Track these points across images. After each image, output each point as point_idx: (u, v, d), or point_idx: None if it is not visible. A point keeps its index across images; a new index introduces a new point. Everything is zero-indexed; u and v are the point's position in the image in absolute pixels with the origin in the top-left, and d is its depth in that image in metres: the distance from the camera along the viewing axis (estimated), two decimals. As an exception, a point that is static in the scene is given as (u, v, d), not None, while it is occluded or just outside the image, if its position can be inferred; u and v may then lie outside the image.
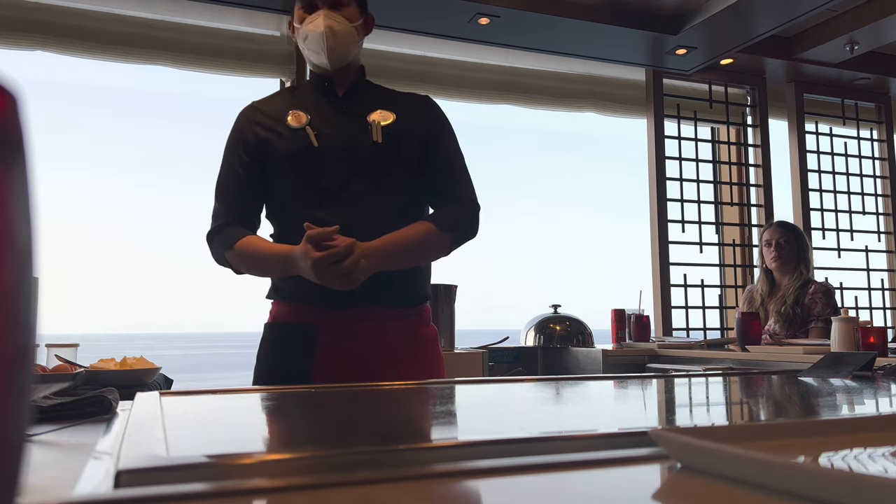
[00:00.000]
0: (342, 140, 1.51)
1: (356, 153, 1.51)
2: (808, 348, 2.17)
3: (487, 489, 0.47)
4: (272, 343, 1.54)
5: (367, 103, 1.57)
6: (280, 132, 1.52)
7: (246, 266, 1.51)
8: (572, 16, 3.29)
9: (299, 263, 1.38)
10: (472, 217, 1.58)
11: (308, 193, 1.50)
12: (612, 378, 1.42)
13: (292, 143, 1.50)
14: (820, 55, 3.87)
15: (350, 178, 1.49)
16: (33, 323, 0.29)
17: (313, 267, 1.34)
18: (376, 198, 1.50)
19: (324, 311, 1.48)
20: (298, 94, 1.62)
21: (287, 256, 1.42)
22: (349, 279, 1.36)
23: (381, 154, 1.51)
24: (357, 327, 1.48)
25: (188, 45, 3.17)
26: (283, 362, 1.51)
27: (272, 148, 1.52)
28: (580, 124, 16.48)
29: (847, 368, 1.31)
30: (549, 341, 3.21)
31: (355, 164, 1.50)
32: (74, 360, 1.43)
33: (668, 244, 3.96)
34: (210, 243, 1.55)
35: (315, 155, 1.49)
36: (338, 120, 1.54)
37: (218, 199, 1.56)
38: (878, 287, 4.42)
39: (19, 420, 0.28)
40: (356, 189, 1.49)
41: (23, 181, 0.28)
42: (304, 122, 1.51)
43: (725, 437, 0.55)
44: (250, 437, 0.75)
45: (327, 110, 1.55)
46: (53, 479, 0.55)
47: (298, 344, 1.49)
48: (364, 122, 1.53)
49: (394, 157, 1.52)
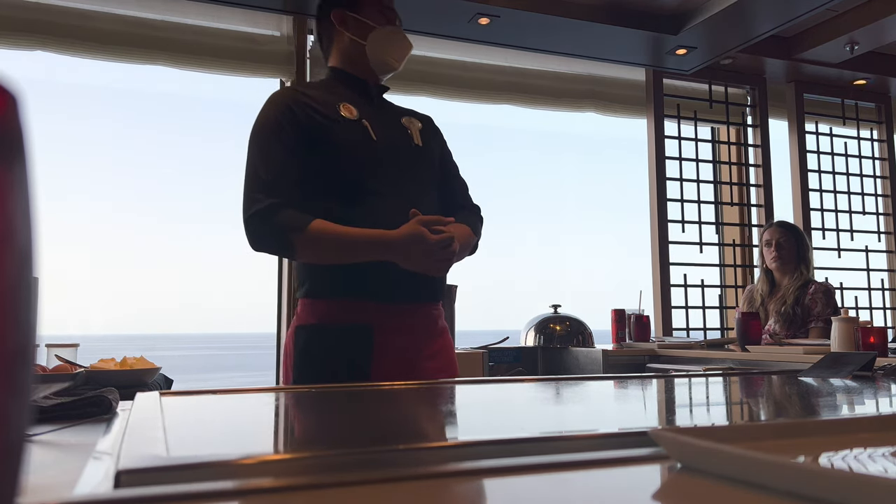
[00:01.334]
0: (391, 138, 1.58)
1: (402, 151, 1.59)
2: (808, 348, 2.17)
3: (487, 489, 0.47)
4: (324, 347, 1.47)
5: (393, 109, 1.68)
6: (336, 119, 1.52)
7: (322, 248, 1.44)
8: (572, 16, 3.29)
9: (405, 246, 1.39)
10: (482, 222, 1.73)
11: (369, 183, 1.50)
12: (612, 378, 1.42)
13: (350, 132, 1.52)
14: (820, 55, 3.87)
15: (397, 174, 1.55)
16: (33, 323, 0.29)
17: (428, 250, 1.39)
18: (422, 194, 1.57)
19: (379, 306, 1.48)
20: (334, 88, 1.61)
21: (382, 239, 1.41)
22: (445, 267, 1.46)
23: (419, 155, 1.61)
24: (408, 322, 1.52)
25: (188, 45, 3.17)
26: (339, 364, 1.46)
27: (328, 134, 1.50)
28: (580, 124, 16.51)
29: (847, 368, 1.31)
30: (549, 341, 3.21)
31: (402, 161, 1.57)
32: (74, 360, 1.44)
33: (668, 244, 3.96)
34: (258, 225, 1.44)
35: (371, 148, 1.53)
36: (382, 119, 1.60)
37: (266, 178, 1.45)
38: (878, 287, 4.42)
39: (19, 420, 0.28)
40: (407, 184, 1.55)
41: (23, 181, 0.28)
42: (356, 115, 1.55)
43: (725, 437, 0.55)
44: (250, 437, 0.75)
45: (369, 108, 1.60)
46: (53, 479, 0.55)
47: (354, 344, 1.46)
48: (400, 124, 1.63)
49: (427, 160, 1.63)
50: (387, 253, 1.41)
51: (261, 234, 1.45)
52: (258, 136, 1.52)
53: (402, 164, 1.56)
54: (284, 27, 3.31)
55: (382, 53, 1.62)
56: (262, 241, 1.46)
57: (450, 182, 1.71)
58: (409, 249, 1.40)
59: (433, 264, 1.42)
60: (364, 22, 1.61)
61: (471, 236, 1.61)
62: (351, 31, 1.62)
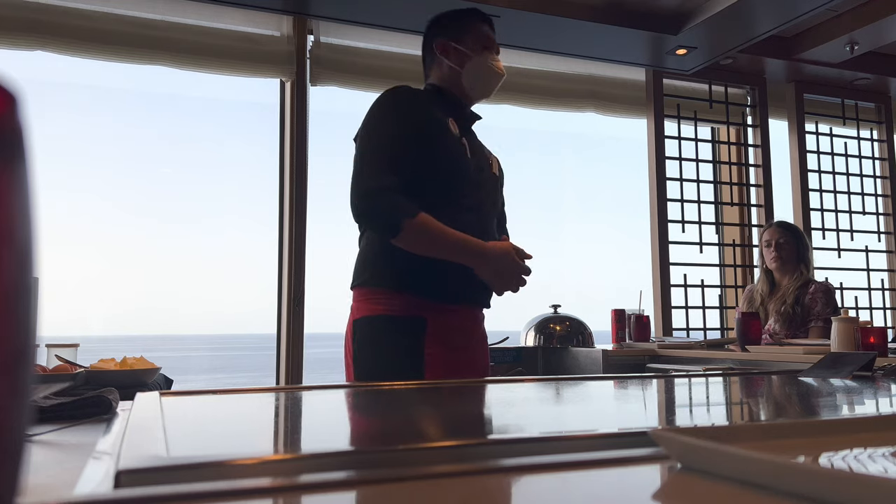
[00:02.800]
0: (480, 162, 1.75)
1: (486, 176, 1.75)
2: (808, 348, 2.17)
3: (488, 489, 0.47)
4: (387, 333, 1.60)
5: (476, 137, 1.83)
6: (448, 130, 1.67)
7: (425, 238, 1.55)
8: (572, 16, 3.29)
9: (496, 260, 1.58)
10: None
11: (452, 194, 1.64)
12: (612, 378, 1.42)
13: (452, 145, 1.66)
14: (820, 55, 3.87)
15: (480, 194, 1.71)
16: (33, 323, 0.29)
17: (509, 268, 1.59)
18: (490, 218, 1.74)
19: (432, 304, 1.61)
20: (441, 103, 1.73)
21: (478, 248, 1.58)
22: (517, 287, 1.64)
23: (496, 185, 1.81)
24: (454, 321, 1.65)
25: (188, 45, 3.17)
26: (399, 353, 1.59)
27: (440, 140, 1.64)
28: (580, 124, 16.48)
29: (847, 368, 1.31)
30: (549, 341, 3.21)
31: (485, 185, 1.73)
32: (74, 361, 1.44)
33: (668, 244, 3.95)
34: (373, 201, 1.54)
35: (466, 165, 1.68)
36: (473, 142, 1.77)
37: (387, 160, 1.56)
38: (878, 287, 4.42)
39: (19, 420, 0.28)
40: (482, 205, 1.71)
41: (23, 181, 0.28)
42: (458, 133, 1.70)
43: (725, 437, 0.55)
44: (250, 437, 0.75)
45: (466, 133, 1.76)
46: (53, 479, 0.55)
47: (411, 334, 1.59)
48: (484, 153, 1.80)
49: (499, 190, 1.83)
50: (477, 260, 1.58)
51: (374, 207, 1.54)
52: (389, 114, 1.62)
53: (484, 187, 1.73)
54: (284, 27, 3.31)
55: (476, 81, 1.75)
56: (371, 213, 1.55)
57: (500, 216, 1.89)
58: (500, 262, 1.58)
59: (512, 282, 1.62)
60: (464, 52, 1.74)
61: None
62: (451, 59, 1.75)
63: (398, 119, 1.61)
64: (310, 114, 3.36)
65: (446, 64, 1.75)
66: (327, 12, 3.19)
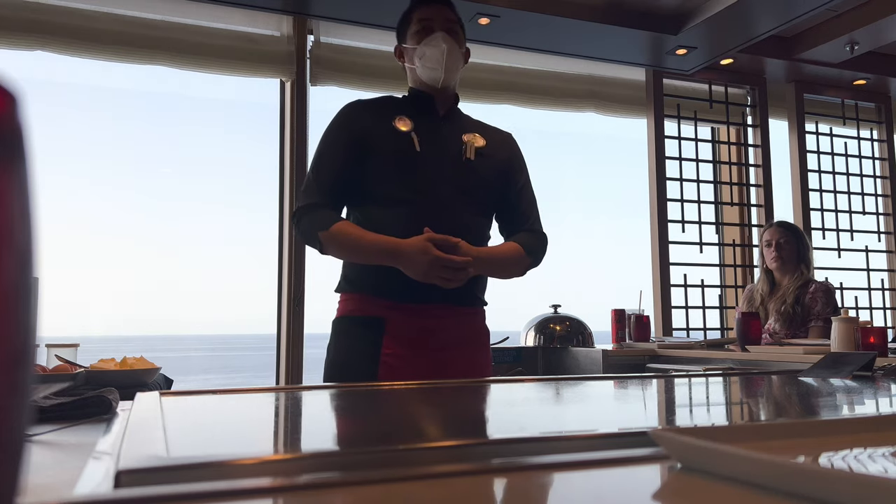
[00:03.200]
0: (441, 151, 1.67)
1: (450, 164, 1.66)
2: (808, 348, 2.17)
3: (487, 489, 0.47)
4: (345, 335, 1.63)
5: (461, 125, 1.75)
6: (387, 131, 1.65)
7: (340, 248, 1.60)
8: (572, 16, 3.29)
9: (412, 256, 1.50)
10: (544, 247, 1.78)
11: (405, 193, 1.61)
12: (612, 378, 1.42)
13: (397, 143, 1.63)
14: (820, 55, 3.87)
15: (443, 186, 1.63)
16: (33, 323, 0.29)
17: (432, 262, 1.48)
18: (462, 208, 1.64)
19: (392, 304, 1.59)
20: (403, 105, 1.73)
21: (394, 247, 1.53)
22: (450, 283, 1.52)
23: (471, 171, 1.68)
24: (423, 322, 1.60)
25: (188, 45, 3.17)
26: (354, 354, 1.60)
27: (377, 144, 1.64)
28: (580, 124, 16.46)
29: (847, 368, 1.31)
30: (549, 341, 3.21)
31: (448, 174, 1.65)
32: (74, 360, 1.44)
33: (668, 244, 3.95)
34: (299, 219, 1.63)
35: (415, 159, 1.63)
36: (438, 133, 1.69)
37: (315, 179, 1.64)
38: (878, 287, 4.42)
39: (19, 420, 0.28)
40: (446, 197, 1.63)
41: (23, 181, 0.28)
42: (409, 128, 1.66)
43: (725, 437, 0.55)
44: (250, 437, 0.75)
45: (429, 124, 1.70)
46: (53, 479, 0.55)
47: (368, 335, 1.59)
48: (460, 139, 1.70)
49: (481, 177, 1.69)
50: (395, 258, 1.53)
51: (299, 228, 1.63)
52: (319, 141, 1.70)
53: (444, 176, 1.64)
54: (284, 27, 3.31)
55: (421, 71, 1.70)
56: (299, 234, 1.65)
57: (516, 203, 1.77)
58: (412, 258, 1.50)
59: (437, 279, 1.51)
60: (409, 48, 1.72)
61: (513, 256, 1.69)
62: (405, 60, 1.75)
63: (331, 136, 1.68)
64: (310, 114, 3.36)
65: (406, 67, 1.76)
66: (327, 12, 3.19)
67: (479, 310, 1.73)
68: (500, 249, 1.69)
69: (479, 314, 1.73)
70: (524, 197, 1.79)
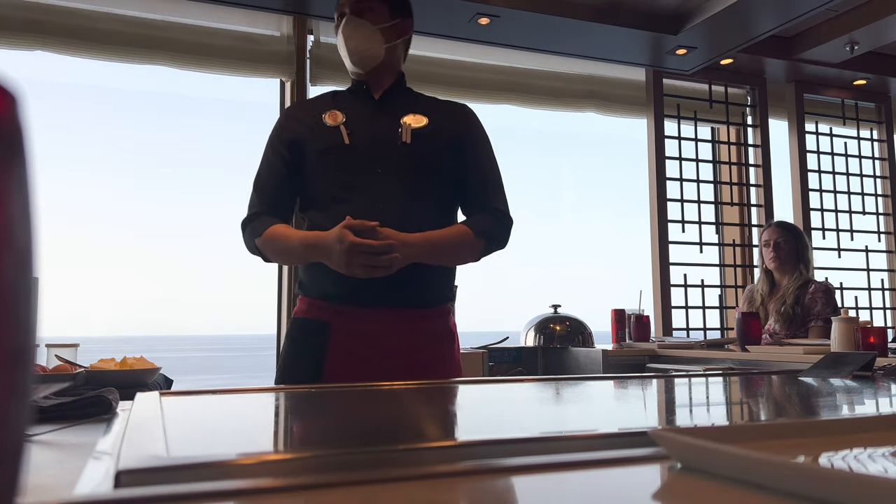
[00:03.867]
0: (372, 139, 1.58)
1: (385, 152, 1.57)
2: (808, 348, 2.17)
3: (487, 489, 0.47)
4: (292, 338, 1.60)
5: (400, 107, 1.63)
6: (315, 129, 1.59)
7: (274, 253, 1.57)
8: (572, 16, 3.29)
9: (331, 247, 1.42)
10: (504, 228, 1.63)
11: (338, 189, 1.55)
12: (612, 378, 1.42)
13: (325, 139, 1.57)
14: (820, 55, 3.87)
15: (378, 175, 1.55)
16: (33, 323, 0.29)
17: (348, 250, 1.39)
18: (402, 196, 1.54)
19: (338, 308, 1.53)
20: (339, 97, 1.68)
21: (315, 241, 1.47)
22: (374, 272, 1.42)
23: (409, 154, 1.56)
24: (368, 327, 1.52)
25: (188, 45, 3.17)
26: (300, 358, 1.56)
27: (307, 143, 1.59)
28: (580, 124, 16.49)
29: (847, 368, 1.31)
30: (549, 341, 3.21)
31: (384, 162, 1.56)
32: (74, 360, 1.43)
33: (668, 244, 3.95)
34: (243, 231, 1.62)
35: (346, 152, 1.56)
36: (371, 120, 1.61)
37: (255, 190, 1.64)
38: (878, 287, 4.42)
39: (19, 420, 0.28)
40: (383, 186, 1.54)
41: (23, 181, 0.28)
42: (339, 121, 1.58)
43: (725, 437, 0.55)
44: (250, 437, 0.75)
45: (363, 111, 1.62)
46: (53, 479, 0.55)
47: (313, 339, 1.54)
48: (397, 123, 1.59)
49: (422, 159, 1.57)
50: (319, 253, 1.47)
51: (245, 240, 1.62)
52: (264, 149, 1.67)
53: (378, 166, 1.55)
54: (284, 27, 3.31)
55: (343, 56, 1.64)
56: (247, 245, 1.62)
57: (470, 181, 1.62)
58: (332, 249, 1.42)
59: (359, 268, 1.41)
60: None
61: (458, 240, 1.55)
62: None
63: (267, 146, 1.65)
64: (310, 114, 3.35)
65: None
66: (327, 12, 3.19)
67: (438, 310, 1.60)
68: (442, 234, 1.53)
69: (439, 314, 1.60)
70: (479, 173, 1.63)
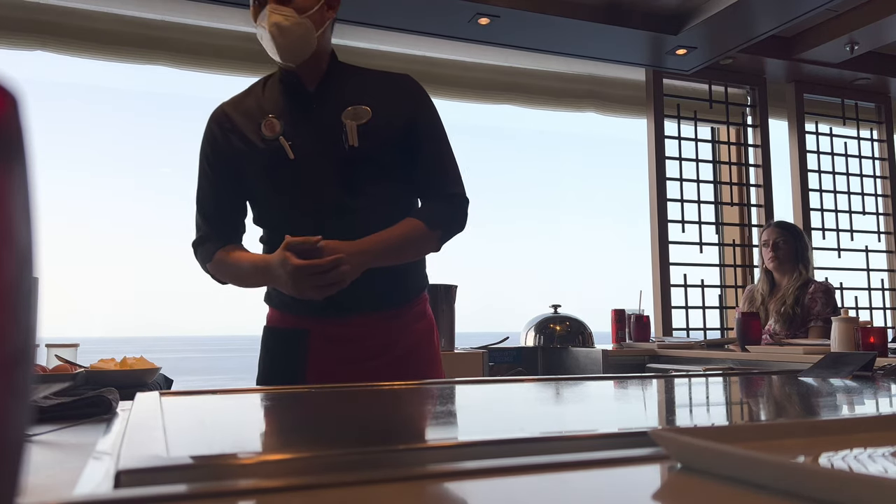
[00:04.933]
0: (316, 149, 1.42)
1: (333, 161, 1.42)
2: (808, 348, 2.17)
3: (487, 489, 0.47)
4: (267, 348, 1.52)
5: (339, 98, 1.46)
6: (254, 143, 1.43)
7: (226, 277, 1.49)
8: (572, 16, 3.29)
9: (276, 272, 1.32)
10: (459, 212, 1.50)
11: (287, 205, 1.45)
12: (612, 378, 1.42)
13: (267, 155, 1.42)
14: (820, 55, 3.87)
15: (329, 187, 1.41)
16: (33, 323, 0.29)
17: (292, 274, 1.28)
18: (360, 205, 1.42)
19: (312, 318, 1.46)
20: (269, 93, 1.50)
21: (263, 266, 1.38)
22: (327, 291, 1.32)
23: (359, 158, 1.42)
24: (346, 332, 1.45)
25: (188, 45, 3.17)
26: (278, 366, 1.49)
27: (247, 160, 1.45)
28: (580, 124, 16.51)
29: (847, 368, 1.31)
30: (549, 341, 3.21)
31: (333, 172, 1.42)
32: (74, 360, 1.44)
33: (668, 244, 3.96)
34: (195, 255, 1.53)
35: (291, 167, 1.41)
36: (310, 125, 1.44)
37: (198, 211, 1.53)
38: (878, 287, 4.42)
39: (19, 420, 0.28)
40: (337, 198, 1.41)
41: (23, 181, 0.28)
42: (277, 132, 1.42)
43: (725, 437, 0.55)
44: (250, 437, 0.75)
45: (298, 113, 1.45)
46: (53, 479, 0.55)
47: (291, 348, 1.47)
48: (338, 122, 1.42)
49: (372, 160, 1.43)
50: (269, 278, 1.39)
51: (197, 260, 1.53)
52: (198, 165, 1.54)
53: (330, 175, 1.42)
54: (284, 27, 3.30)
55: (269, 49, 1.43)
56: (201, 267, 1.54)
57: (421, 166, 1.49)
58: (278, 274, 1.32)
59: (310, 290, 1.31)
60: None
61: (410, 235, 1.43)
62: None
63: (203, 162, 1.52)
64: (310, 114, 3.36)
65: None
66: (327, 12, 3.19)
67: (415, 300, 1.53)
68: (394, 233, 1.40)
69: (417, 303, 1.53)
70: (433, 158, 1.49)
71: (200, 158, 1.53)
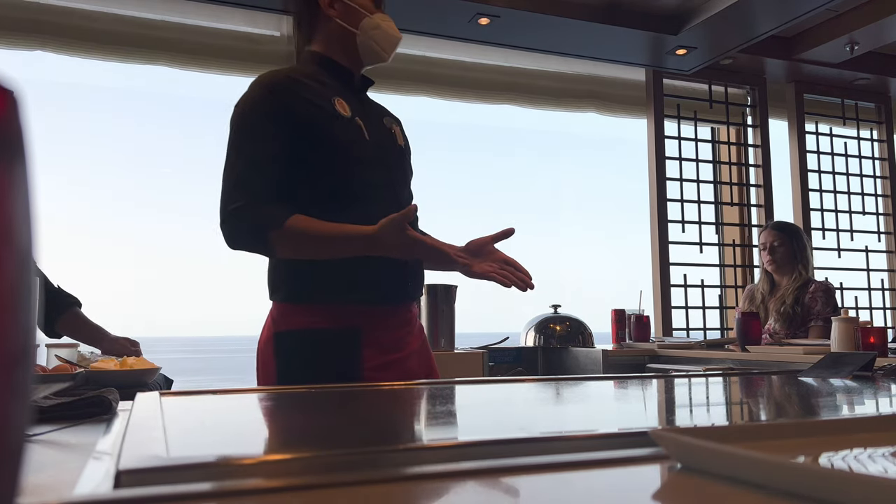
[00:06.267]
0: (381, 139, 1.52)
1: (391, 152, 1.54)
2: (808, 348, 2.17)
3: (488, 489, 0.47)
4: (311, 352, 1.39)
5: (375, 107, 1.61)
6: (332, 115, 1.43)
7: (301, 245, 1.37)
8: (572, 16, 3.29)
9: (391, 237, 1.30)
10: None
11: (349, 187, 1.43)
12: (612, 378, 1.42)
13: (347, 131, 1.43)
14: (820, 55, 3.87)
15: (387, 176, 1.50)
16: (33, 323, 0.29)
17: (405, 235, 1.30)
18: (400, 198, 1.52)
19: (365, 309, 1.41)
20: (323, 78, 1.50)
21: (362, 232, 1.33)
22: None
23: (403, 157, 1.57)
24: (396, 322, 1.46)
25: (188, 45, 3.17)
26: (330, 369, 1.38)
27: (326, 131, 1.41)
28: (580, 124, 16.47)
29: (847, 368, 1.31)
30: (549, 341, 3.21)
31: (391, 161, 1.52)
32: (74, 361, 1.44)
33: (668, 244, 3.96)
34: (238, 221, 1.35)
35: (366, 149, 1.46)
36: (369, 117, 1.53)
37: (251, 172, 1.36)
38: (878, 287, 4.42)
39: (19, 420, 0.28)
40: (388, 188, 1.50)
41: (23, 181, 0.28)
42: (349, 113, 1.46)
43: (725, 437, 0.55)
44: (250, 437, 0.75)
45: (357, 104, 1.51)
46: (53, 479, 0.55)
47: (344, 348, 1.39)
48: (383, 123, 1.56)
49: (409, 162, 1.60)
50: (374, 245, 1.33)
51: (238, 232, 1.37)
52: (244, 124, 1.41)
53: (391, 166, 1.52)
54: (284, 27, 3.31)
55: (374, 43, 1.52)
56: (238, 238, 1.37)
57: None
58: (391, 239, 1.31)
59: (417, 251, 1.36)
60: (355, 9, 1.51)
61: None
62: (341, 17, 1.51)
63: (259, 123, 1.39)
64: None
65: (337, 24, 1.51)
66: (327, 12, 3.19)
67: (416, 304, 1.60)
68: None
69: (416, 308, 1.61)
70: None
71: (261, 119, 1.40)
